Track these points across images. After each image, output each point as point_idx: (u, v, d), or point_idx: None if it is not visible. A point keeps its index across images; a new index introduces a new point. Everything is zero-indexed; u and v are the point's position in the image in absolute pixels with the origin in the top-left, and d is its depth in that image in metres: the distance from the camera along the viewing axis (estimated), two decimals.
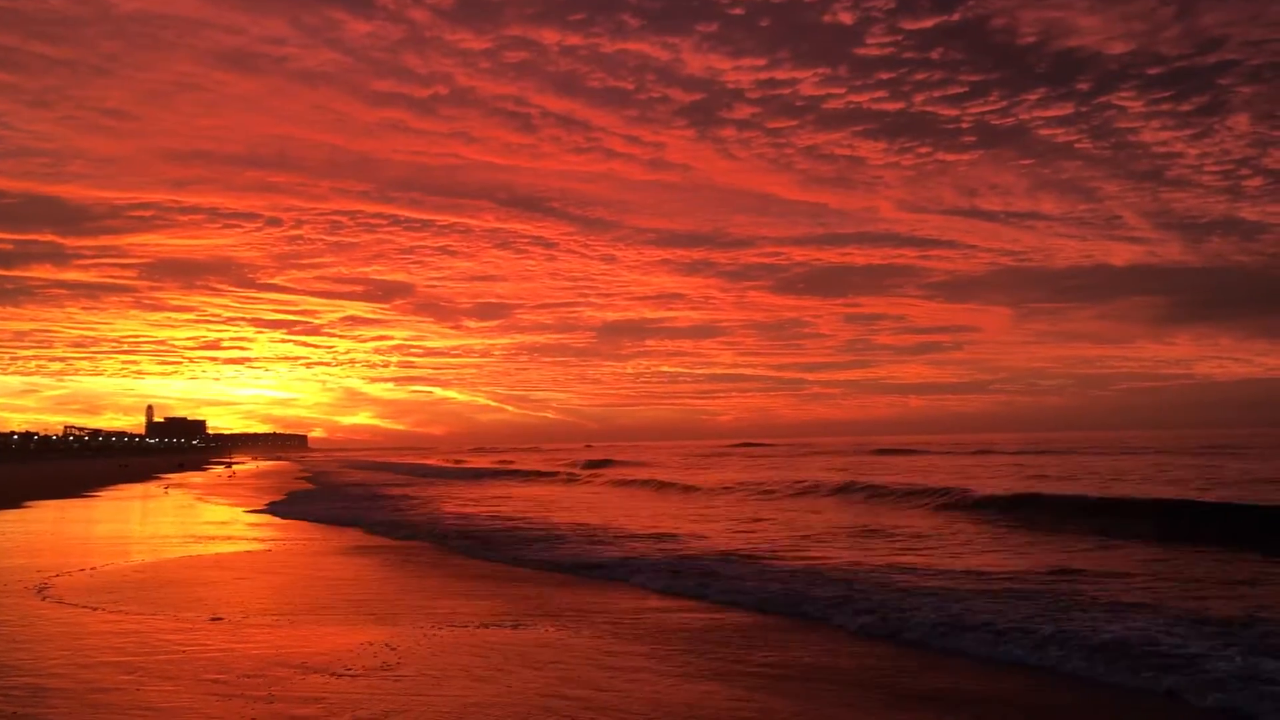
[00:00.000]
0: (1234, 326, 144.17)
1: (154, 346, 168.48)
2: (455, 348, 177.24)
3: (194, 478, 57.90)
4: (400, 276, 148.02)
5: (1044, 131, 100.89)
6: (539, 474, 53.28)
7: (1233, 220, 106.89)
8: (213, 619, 9.87)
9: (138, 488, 43.27)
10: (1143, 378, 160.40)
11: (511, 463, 70.96)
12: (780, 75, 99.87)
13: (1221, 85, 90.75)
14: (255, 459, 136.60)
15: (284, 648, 8.45)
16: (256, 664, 7.80)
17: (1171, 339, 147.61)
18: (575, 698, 6.78)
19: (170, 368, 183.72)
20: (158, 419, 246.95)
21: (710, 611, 10.48)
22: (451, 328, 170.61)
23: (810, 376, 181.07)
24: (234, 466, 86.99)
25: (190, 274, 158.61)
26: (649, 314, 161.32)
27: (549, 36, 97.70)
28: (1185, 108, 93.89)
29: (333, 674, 7.44)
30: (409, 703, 6.64)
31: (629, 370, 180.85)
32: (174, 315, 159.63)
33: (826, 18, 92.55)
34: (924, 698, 6.91)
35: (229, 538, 19.05)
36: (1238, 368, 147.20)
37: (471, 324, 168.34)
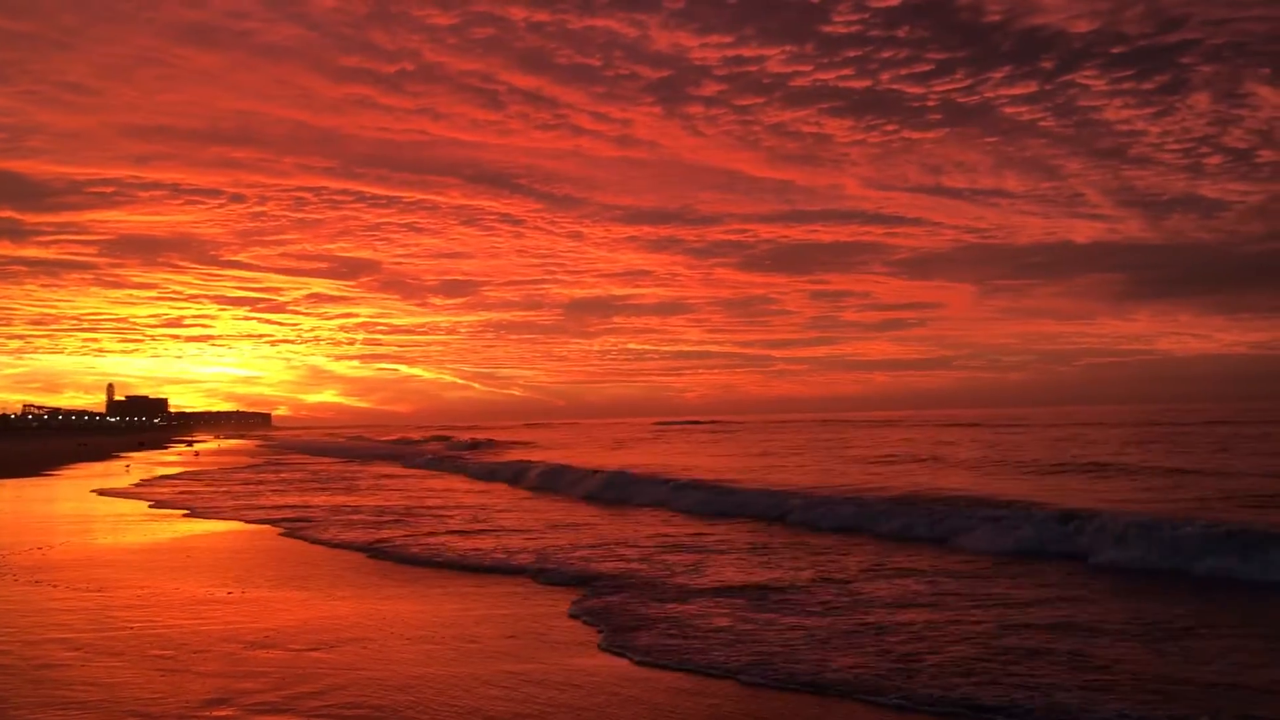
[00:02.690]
0: (1193, 303, 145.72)
1: (115, 324, 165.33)
2: (421, 325, 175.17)
3: (156, 456, 57.30)
4: (366, 254, 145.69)
5: (1008, 110, 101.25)
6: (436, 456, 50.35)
7: (1193, 198, 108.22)
8: (163, 597, 9.92)
9: (97, 467, 42.78)
10: (1104, 353, 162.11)
11: (421, 442, 68.95)
12: (747, 52, 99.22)
13: (1183, 64, 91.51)
14: (218, 437, 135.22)
15: (233, 624, 8.55)
16: (205, 640, 7.90)
17: (1132, 315, 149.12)
18: None
19: (132, 346, 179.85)
20: (119, 397, 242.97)
21: None
22: (418, 305, 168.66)
23: (776, 353, 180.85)
24: (196, 445, 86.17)
25: (152, 251, 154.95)
26: (616, 291, 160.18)
27: (516, 12, 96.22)
28: (1147, 86, 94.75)
29: (281, 649, 7.56)
30: (353, 677, 6.78)
31: (596, 347, 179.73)
32: (135, 293, 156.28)
33: None
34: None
35: (186, 516, 19.00)
36: (1197, 343, 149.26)
37: (438, 301, 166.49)
